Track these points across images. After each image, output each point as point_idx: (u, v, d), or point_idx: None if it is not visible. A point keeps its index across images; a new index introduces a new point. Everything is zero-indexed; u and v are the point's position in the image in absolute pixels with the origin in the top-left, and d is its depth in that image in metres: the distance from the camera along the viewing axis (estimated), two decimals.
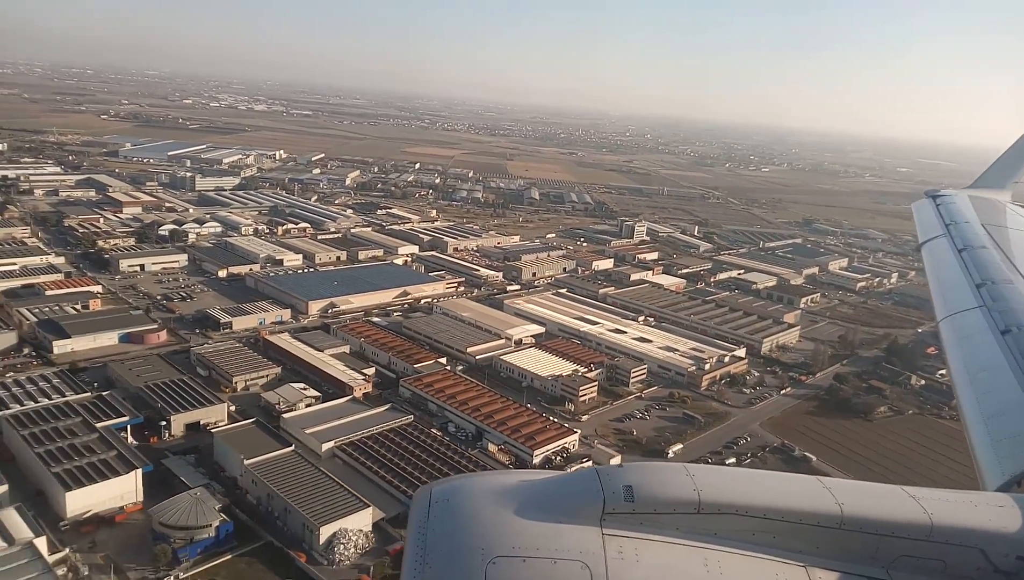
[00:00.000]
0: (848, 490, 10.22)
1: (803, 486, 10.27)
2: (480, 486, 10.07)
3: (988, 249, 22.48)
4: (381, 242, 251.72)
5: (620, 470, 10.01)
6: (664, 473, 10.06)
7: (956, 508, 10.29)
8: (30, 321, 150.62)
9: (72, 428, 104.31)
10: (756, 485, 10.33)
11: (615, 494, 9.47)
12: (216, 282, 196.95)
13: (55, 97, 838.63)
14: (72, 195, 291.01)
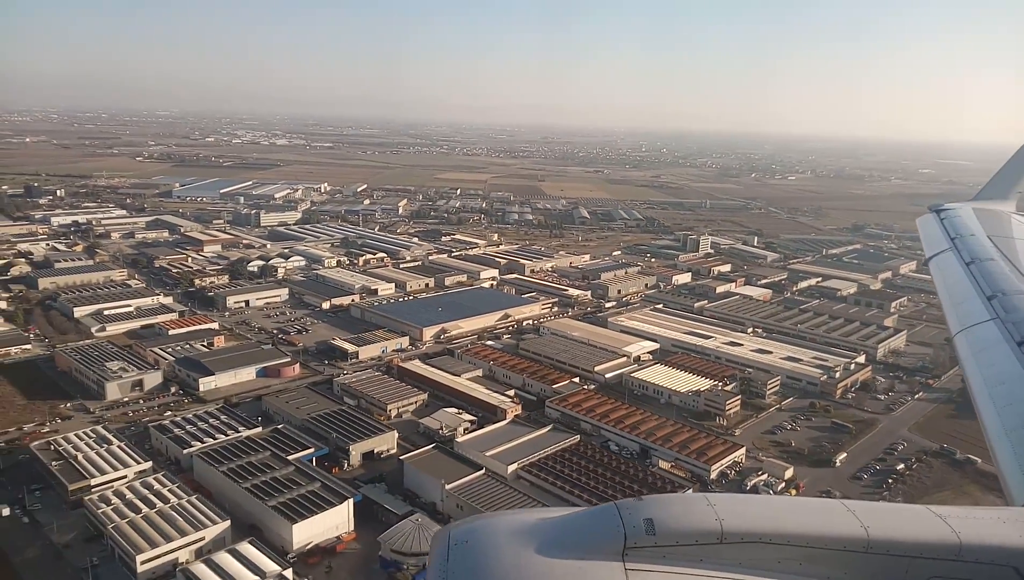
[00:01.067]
0: (873, 512, 10.00)
1: (827, 510, 10.14)
2: (499, 527, 9.95)
3: (996, 261, 22.26)
4: (461, 267, 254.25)
5: (639, 504, 9.90)
6: (684, 504, 9.96)
7: (984, 526, 10.04)
8: (168, 360, 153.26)
9: (267, 462, 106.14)
10: (779, 511, 10.11)
11: (636, 528, 9.36)
12: (321, 314, 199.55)
13: (83, 142, 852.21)
14: (147, 236, 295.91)
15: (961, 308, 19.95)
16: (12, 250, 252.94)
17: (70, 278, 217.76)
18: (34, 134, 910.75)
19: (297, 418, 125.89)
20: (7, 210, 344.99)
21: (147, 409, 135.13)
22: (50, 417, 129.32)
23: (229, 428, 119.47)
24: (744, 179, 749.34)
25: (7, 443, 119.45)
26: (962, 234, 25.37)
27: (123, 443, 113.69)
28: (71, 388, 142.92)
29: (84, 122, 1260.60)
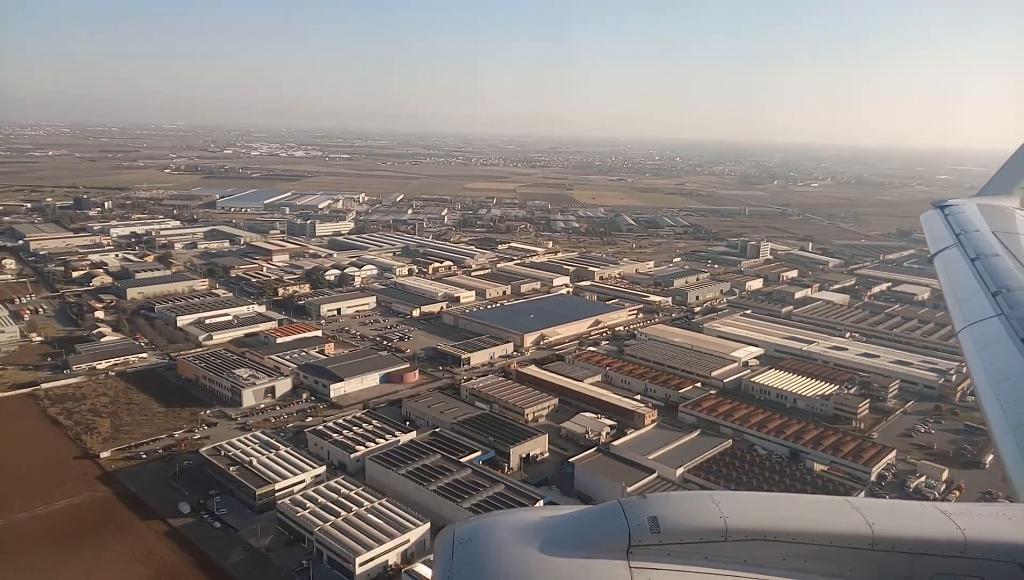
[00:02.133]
0: (878, 509, 10.05)
1: (832, 507, 10.14)
2: (503, 525, 9.99)
3: (1001, 257, 22.16)
4: (534, 275, 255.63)
5: (644, 501, 9.90)
6: (689, 502, 10.01)
7: (990, 522, 10.07)
8: (289, 367, 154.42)
9: (442, 465, 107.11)
10: (783, 509, 10.12)
11: (640, 526, 9.37)
12: (413, 321, 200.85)
13: (106, 155, 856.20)
14: (209, 246, 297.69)
15: (966, 304, 19.93)
16: (84, 261, 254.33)
17: (156, 288, 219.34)
18: (52, 148, 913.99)
19: (444, 422, 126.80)
20: (62, 221, 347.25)
21: (287, 415, 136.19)
22: (197, 423, 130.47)
23: (385, 432, 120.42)
24: (768, 186, 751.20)
25: (165, 449, 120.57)
26: (967, 230, 25.30)
27: (288, 448, 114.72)
28: (202, 395, 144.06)
29: (98, 136, 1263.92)
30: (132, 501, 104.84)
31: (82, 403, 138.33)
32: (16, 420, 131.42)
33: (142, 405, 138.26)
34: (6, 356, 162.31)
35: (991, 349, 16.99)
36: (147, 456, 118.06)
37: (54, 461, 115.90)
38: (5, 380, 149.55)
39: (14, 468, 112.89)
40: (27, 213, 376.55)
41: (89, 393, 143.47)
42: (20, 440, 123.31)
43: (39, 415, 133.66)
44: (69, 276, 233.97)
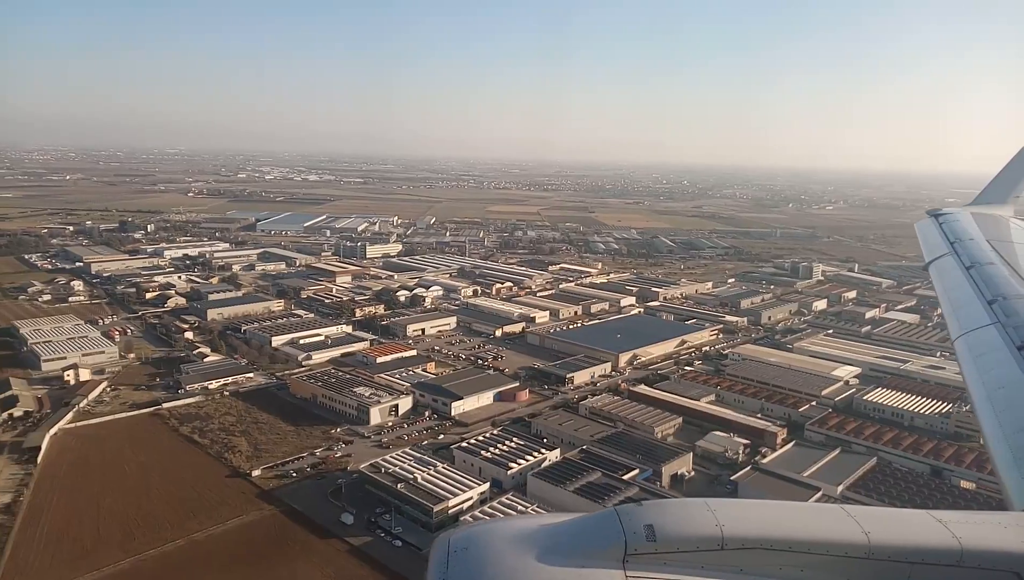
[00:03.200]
0: (874, 517, 10.00)
1: (828, 516, 10.15)
2: (498, 533, 10.01)
3: (996, 265, 22.20)
4: (598, 295, 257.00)
5: (640, 509, 9.86)
6: (685, 509, 9.95)
7: (985, 531, 10.08)
8: (404, 386, 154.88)
9: (610, 482, 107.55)
10: (780, 517, 10.06)
11: (636, 534, 9.36)
12: (497, 341, 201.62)
13: (123, 179, 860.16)
14: (266, 268, 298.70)
15: (961, 312, 19.92)
16: (151, 282, 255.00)
17: (234, 309, 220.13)
18: (66, 172, 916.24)
19: (580, 440, 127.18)
20: (111, 244, 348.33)
21: (417, 433, 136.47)
22: (333, 442, 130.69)
23: (530, 450, 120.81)
24: (784, 209, 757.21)
25: (312, 467, 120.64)
26: (961, 238, 25.37)
27: (444, 465, 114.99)
28: (323, 414, 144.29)
29: (107, 160, 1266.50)
30: (300, 519, 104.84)
31: (209, 422, 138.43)
32: (153, 439, 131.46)
33: (269, 424, 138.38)
34: (112, 376, 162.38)
35: (987, 357, 17.02)
36: (297, 475, 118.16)
37: (207, 480, 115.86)
38: (123, 400, 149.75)
39: (171, 487, 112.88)
40: (73, 235, 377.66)
41: (212, 412, 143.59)
42: (165, 459, 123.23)
43: (172, 434, 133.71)
44: (142, 297, 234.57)
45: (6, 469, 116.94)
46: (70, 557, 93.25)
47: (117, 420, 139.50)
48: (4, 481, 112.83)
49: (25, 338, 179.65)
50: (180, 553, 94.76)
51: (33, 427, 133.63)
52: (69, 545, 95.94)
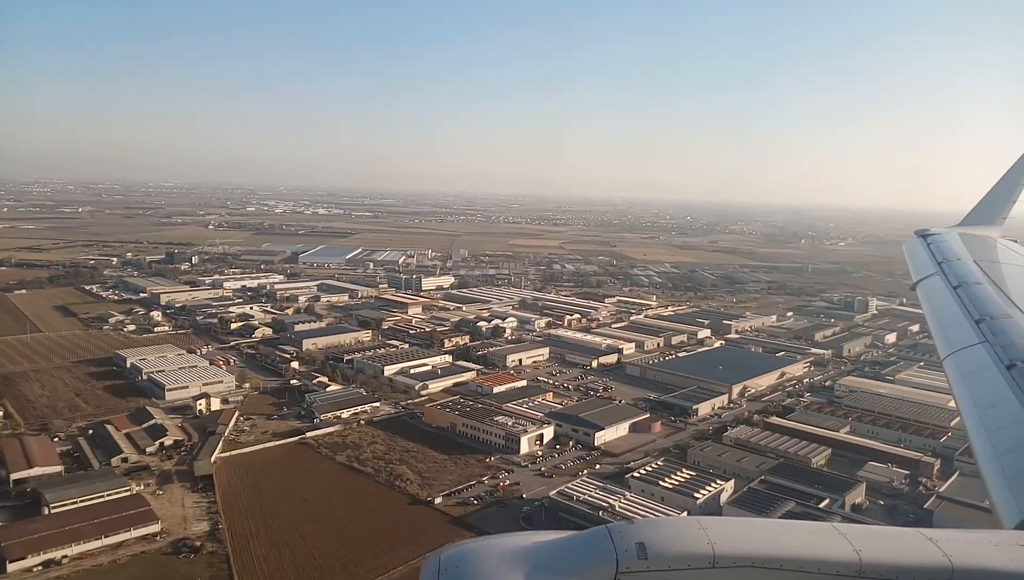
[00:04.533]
0: (865, 536, 10.06)
1: (819, 534, 10.17)
2: (490, 550, 9.98)
3: (983, 285, 22.41)
4: (673, 327, 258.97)
5: (632, 527, 9.86)
6: (676, 527, 10.02)
7: (976, 549, 10.10)
8: (536, 415, 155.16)
9: (808, 512, 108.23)
10: (771, 535, 10.11)
11: (627, 552, 9.34)
12: (596, 372, 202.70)
13: (138, 212, 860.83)
14: (330, 299, 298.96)
15: (949, 332, 20.03)
16: (227, 313, 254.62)
17: (327, 339, 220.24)
18: (77, 205, 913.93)
19: (746, 471, 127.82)
20: (166, 275, 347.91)
21: (572, 462, 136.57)
22: (493, 470, 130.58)
23: (706, 479, 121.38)
24: (796, 245, 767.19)
25: (487, 494, 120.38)
26: (949, 258, 25.56)
27: (630, 493, 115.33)
28: (467, 442, 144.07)
29: (109, 193, 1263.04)
30: None
31: (360, 450, 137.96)
32: (313, 467, 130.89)
33: (420, 452, 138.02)
34: (238, 405, 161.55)
35: (976, 376, 17.13)
36: (479, 502, 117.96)
37: (392, 508, 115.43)
38: (262, 429, 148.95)
39: (360, 515, 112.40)
40: (121, 266, 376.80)
41: (358, 441, 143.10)
42: (338, 487, 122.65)
43: (329, 462, 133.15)
44: (227, 328, 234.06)
45: (186, 497, 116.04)
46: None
47: (268, 449, 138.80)
48: (192, 509, 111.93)
49: (139, 368, 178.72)
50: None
51: (187, 455, 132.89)
52: (293, 573, 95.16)
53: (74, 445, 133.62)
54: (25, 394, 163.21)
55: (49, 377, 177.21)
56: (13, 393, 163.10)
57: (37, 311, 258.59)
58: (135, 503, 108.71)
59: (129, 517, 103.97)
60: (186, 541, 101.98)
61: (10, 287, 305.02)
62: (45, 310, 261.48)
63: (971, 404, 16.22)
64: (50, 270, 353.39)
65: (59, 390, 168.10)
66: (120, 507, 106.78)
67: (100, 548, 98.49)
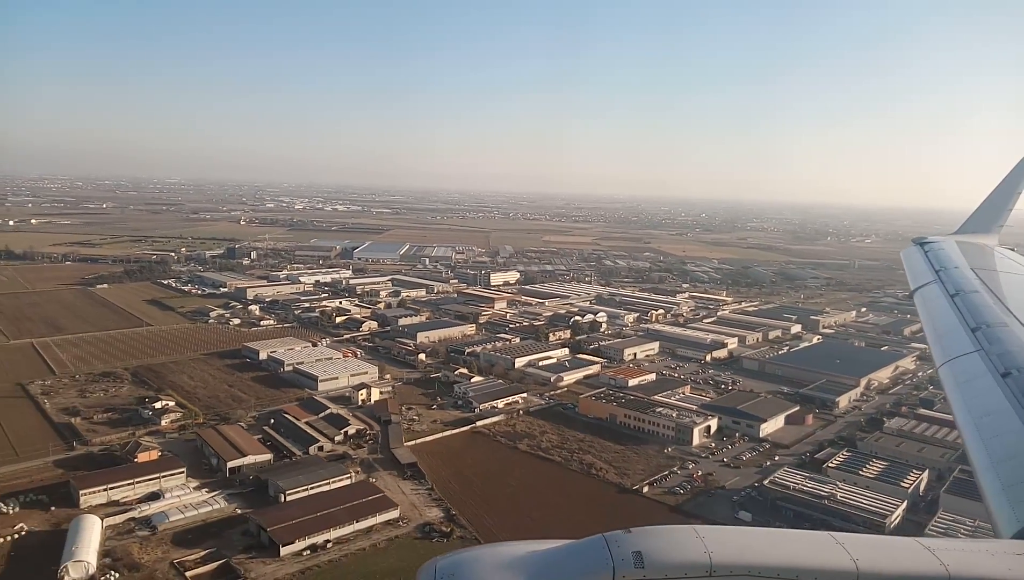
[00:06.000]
0: (862, 545, 10.00)
1: (816, 543, 10.14)
2: (486, 559, 10.02)
3: (980, 293, 22.43)
4: (763, 323, 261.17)
5: (628, 536, 9.78)
6: (673, 536, 9.90)
7: (973, 558, 10.11)
8: (681, 407, 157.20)
9: None
10: (768, 544, 10.11)
11: (624, 561, 9.31)
12: (710, 365, 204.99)
13: (161, 208, 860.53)
14: (409, 295, 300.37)
15: (946, 340, 19.99)
16: (322, 307, 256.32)
17: (439, 333, 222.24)
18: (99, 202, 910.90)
19: (930, 460, 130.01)
20: (236, 270, 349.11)
21: (748, 453, 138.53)
22: (674, 460, 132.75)
23: (903, 469, 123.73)
24: (824, 242, 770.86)
25: (687, 483, 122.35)
26: (946, 267, 25.59)
27: (840, 482, 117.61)
28: (631, 433, 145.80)
29: (123, 190, 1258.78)
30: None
31: (537, 439, 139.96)
32: (501, 456, 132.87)
33: (594, 442, 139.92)
34: (392, 396, 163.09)
35: (972, 384, 17.11)
36: (684, 491, 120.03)
37: (603, 496, 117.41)
38: (431, 418, 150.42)
39: (576, 502, 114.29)
40: (184, 261, 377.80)
41: (528, 430, 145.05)
42: (536, 475, 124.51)
43: (513, 451, 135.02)
44: (332, 322, 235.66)
45: (400, 483, 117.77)
46: None
47: (447, 437, 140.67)
48: (413, 495, 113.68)
49: (279, 360, 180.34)
50: None
51: (374, 443, 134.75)
52: None
53: (263, 434, 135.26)
54: (180, 385, 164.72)
55: (191, 369, 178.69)
56: (168, 384, 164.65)
57: (132, 305, 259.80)
58: (368, 490, 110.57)
59: (372, 503, 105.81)
60: (431, 526, 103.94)
61: (90, 282, 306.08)
62: (139, 304, 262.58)
63: (967, 412, 16.15)
64: (115, 265, 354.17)
65: (209, 381, 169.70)
66: (355, 494, 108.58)
67: (353, 533, 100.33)
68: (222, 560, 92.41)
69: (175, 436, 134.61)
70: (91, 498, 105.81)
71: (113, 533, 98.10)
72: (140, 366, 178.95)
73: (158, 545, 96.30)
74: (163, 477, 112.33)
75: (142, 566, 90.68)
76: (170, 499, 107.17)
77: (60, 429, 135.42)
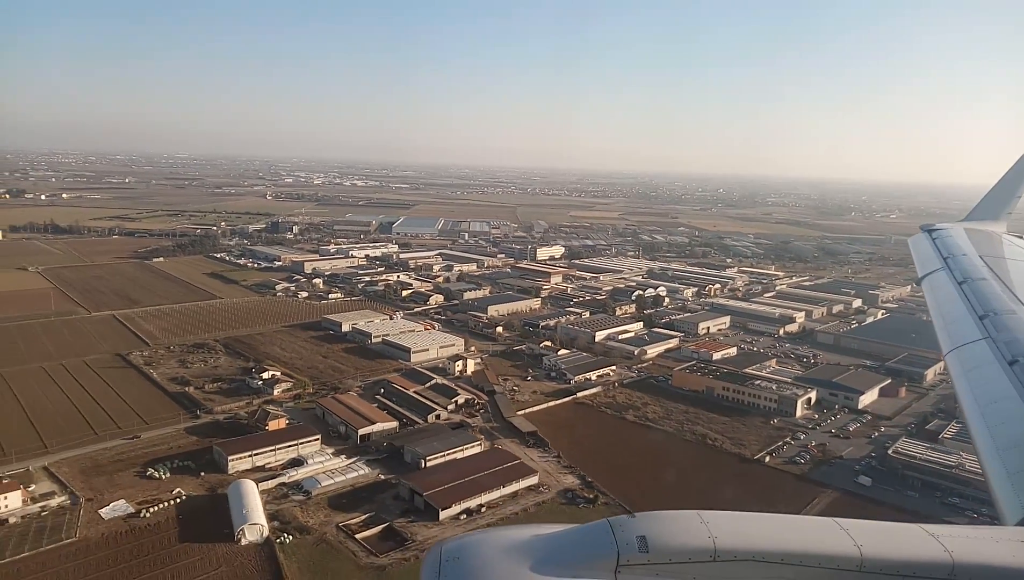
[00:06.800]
0: (866, 531, 9.99)
1: (820, 528, 10.11)
2: (491, 543, 10.01)
3: (988, 280, 22.28)
4: (822, 297, 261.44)
5: (633, 520, 9.77)
6: (677, 521, 9.85)
7: (977, 545, 10.13)
8: (784, 380, 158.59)
9: None
10: (772, 529, 10.04)
11: (628, 545, 9.32)
12: (784, 339, 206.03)
13: (185, 183, 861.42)
14: (461, 269, 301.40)
15: (953, 327, 19.86)
16: (384, 280, 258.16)
17: (508, 306, 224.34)
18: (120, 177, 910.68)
19: None
20: (285, 244, 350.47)
21: (853, 424, 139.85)
22: (783, 431, 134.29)
23: None
24: (849, 218, 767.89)
25: (802, 455, 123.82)
26: (954, 254, 25.47)
27: (963, 452, 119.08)
28: (731, 405, 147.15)
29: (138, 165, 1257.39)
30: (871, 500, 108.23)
31: (640, 411, 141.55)
32: (613, 425, 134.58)
33: (697, 414, 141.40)
34: (485, 368, 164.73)
35: (978, 372, 17.07)
36: (804, 461, 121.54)
37: (727, 466, 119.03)
38: (531, 389, 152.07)
39: (703, 471, 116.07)
40: (229, 235, 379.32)
41: (629, 402, 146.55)
42: (654, 444, 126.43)
43: (621, 421, 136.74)
44: (399, 295, 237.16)
45: (527, 451, 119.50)
46: None
47: (552, 407, 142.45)
48: (543, 463, 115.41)
49: (365, 331, 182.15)
50: None
51: (485, 412, 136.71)
52: None
53: (376, 403, 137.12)
54: (275, 356, 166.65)
55: (279, 340, 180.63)
56: (263, 355, 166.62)
57: (194, 278, 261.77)
58: (505, 457, 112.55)
59: (512, 469, 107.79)
60: (573, 492, 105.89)
61: (144, 255, 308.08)
62: (200, 277, 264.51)
63: (973, 400, 16.10)
64: (161, 239, 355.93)
65: (301, 352, 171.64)
66: (493, 460, 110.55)
67: (501, 498, 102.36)
68: (385, 523, 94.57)
69: (290, 405, 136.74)
70: (238, 463, 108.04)
71: (270, 498, 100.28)
72: (228, 338, 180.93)
73: (318, 509, 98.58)
74: (300, 444, 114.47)
75: (310, 529, 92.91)
76: (314, 465, 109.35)
77: (177, 398, 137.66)
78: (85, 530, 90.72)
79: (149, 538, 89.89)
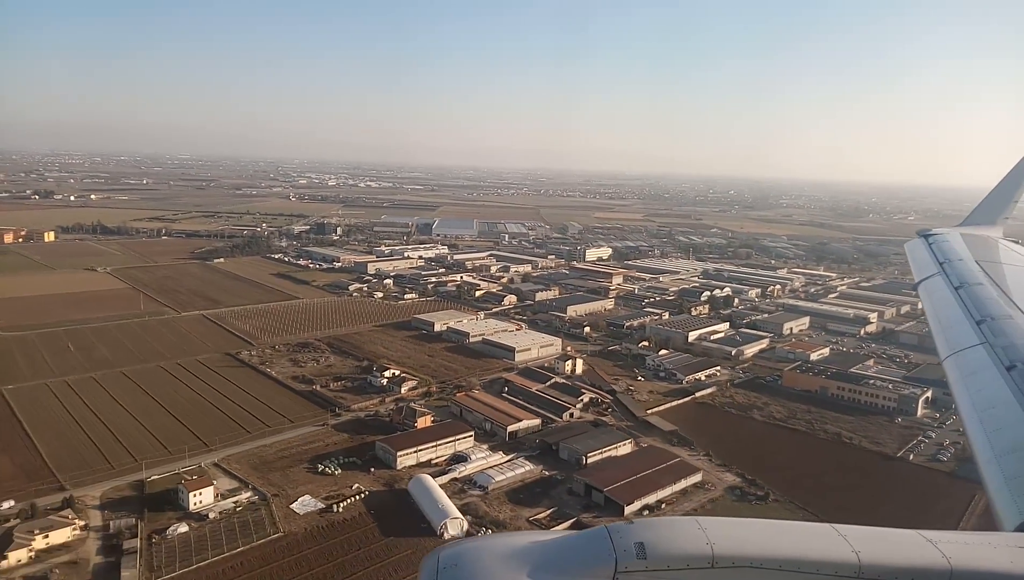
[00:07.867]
0: (864, 537, 10.01)
1: (818, 535, 10.12)
2: (489, 549, 10.01)
3: (984, 285, 22.37)
4: (889, 298, 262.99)
5: (631, 527, 9.80)
6: (675, 528, 9.91)
7: (975, 551, 10.10)
8: (890, 379, 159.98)
9: None
10: (770, 536, 10.10)
11: (627, 552, 9.32)
12: (866, 339, 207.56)
13: (203, 184, 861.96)
14: (518, 270, 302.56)
15: (950, 332, 19.88)
16: (454, 281, 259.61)
17: (585, 306, 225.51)
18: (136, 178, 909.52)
19: None
20: (336, 245, 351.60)
21: None
22: (909, 430, 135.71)
23: None
24: (868, 219, 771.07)
25: (944, 452, 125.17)
26: (950, 259, 25.54)
27: None
28: (846, 404, 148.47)
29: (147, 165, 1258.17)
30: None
31: (763, 410, 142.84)
32: (742, 424, 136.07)
33: (817, 412, 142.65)
34: (589, 368, 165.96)
35: (976, 377, 17.05)
36: (946, 459, 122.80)
37: (870, 465, 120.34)
38: (647, 389, 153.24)
39: (848, 474, 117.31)
40: (277, 236, 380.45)
41: (747, 402, 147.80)
42: (791, 444, 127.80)
43: (750, 420, 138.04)
44: (473, 296, 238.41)
45: (675, 450, 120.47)
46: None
47: (676, 407, 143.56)
48: (695, 461, 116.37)
49: (462, 331, 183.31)
50: None
51: (613, 411, 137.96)
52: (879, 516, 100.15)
53: (508, 401, 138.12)
54: (381, 354, 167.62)
55: (377, 339, 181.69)
56: (368, 354, 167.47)
57: (264, 279, 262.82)
58: (665, 455, 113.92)
59: (676, 467, 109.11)
60: (740, 489, 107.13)
61: (205, 255, 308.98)
62: (269, 278, 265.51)
63: (971, 405, 16.13)
64: (212, 240, 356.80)
65: (405, 351, 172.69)
66: (655, 458, 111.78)
67: (672, 495, 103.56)
68: (572, 519, 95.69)
69: (420, 402, 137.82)
70: (405, 459, 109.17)
71: (448, 493, 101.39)
72: (328, 337, 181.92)
73: (500, 504, 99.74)
74: (457, 440, 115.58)
75: (504, 523, 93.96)
76: (477, 461, 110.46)
77: (308, 397, 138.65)
78: (286, 525, 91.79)
79: (351, 533, 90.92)
